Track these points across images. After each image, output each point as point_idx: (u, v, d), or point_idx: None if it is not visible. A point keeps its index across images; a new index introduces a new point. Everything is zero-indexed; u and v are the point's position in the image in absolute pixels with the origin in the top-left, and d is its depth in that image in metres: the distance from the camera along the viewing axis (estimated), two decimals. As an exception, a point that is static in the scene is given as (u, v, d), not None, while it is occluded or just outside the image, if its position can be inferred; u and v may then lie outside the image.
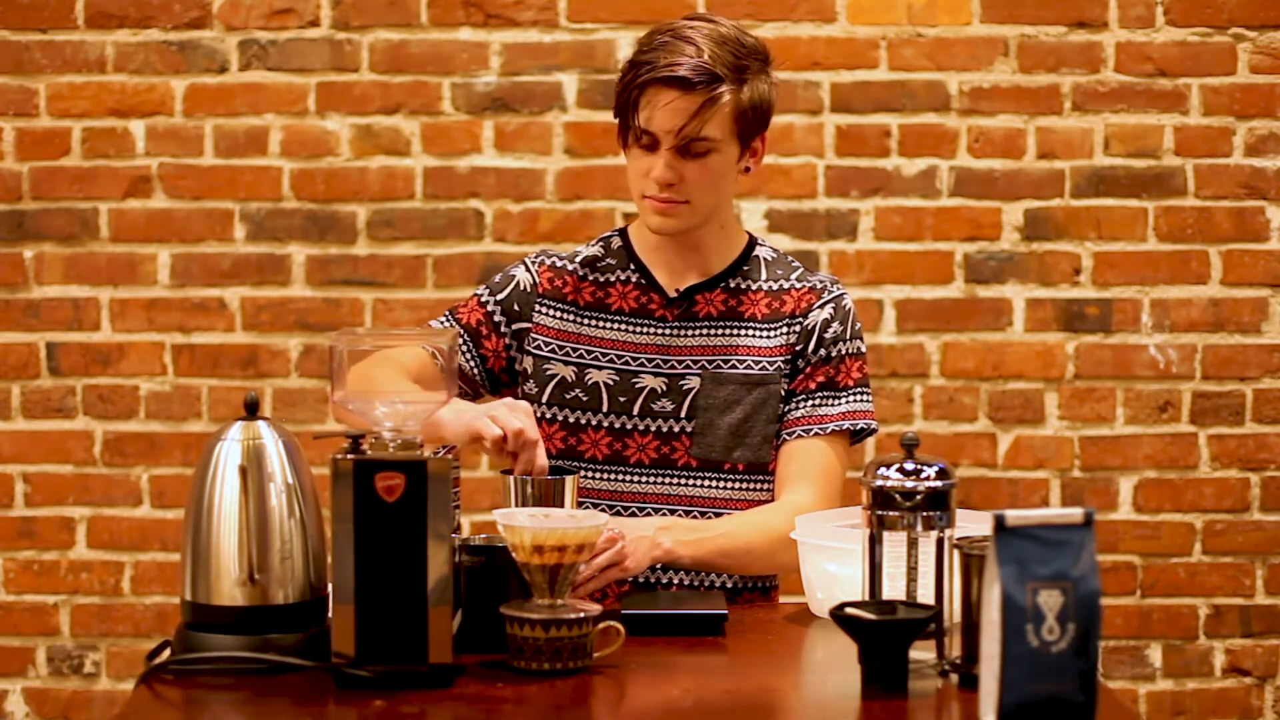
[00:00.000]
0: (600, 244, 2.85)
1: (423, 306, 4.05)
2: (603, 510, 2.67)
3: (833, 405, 2.77)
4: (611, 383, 2.76)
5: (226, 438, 2.28)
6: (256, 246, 4.07)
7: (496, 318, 2.79)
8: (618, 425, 2.76)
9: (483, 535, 2.41)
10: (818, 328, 2.77)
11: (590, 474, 2.74)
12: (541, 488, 2.42)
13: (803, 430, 2.75)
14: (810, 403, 2.77)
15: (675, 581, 2.75)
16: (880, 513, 2.26)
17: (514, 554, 2.24)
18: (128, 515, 4.08)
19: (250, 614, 2.24)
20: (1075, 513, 1.97)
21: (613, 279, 2.81)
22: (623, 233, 2.86)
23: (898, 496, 2.25)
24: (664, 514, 2.74)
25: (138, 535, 4.08)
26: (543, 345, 2.77)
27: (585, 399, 2.75)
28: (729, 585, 2.77)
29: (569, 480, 2.44)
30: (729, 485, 2.77)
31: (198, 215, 4.07)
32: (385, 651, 2.17)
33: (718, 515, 2.74)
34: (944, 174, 4.07)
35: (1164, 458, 4.09)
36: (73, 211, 4.07)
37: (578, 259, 2.83)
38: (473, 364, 2.79)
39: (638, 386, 2.76)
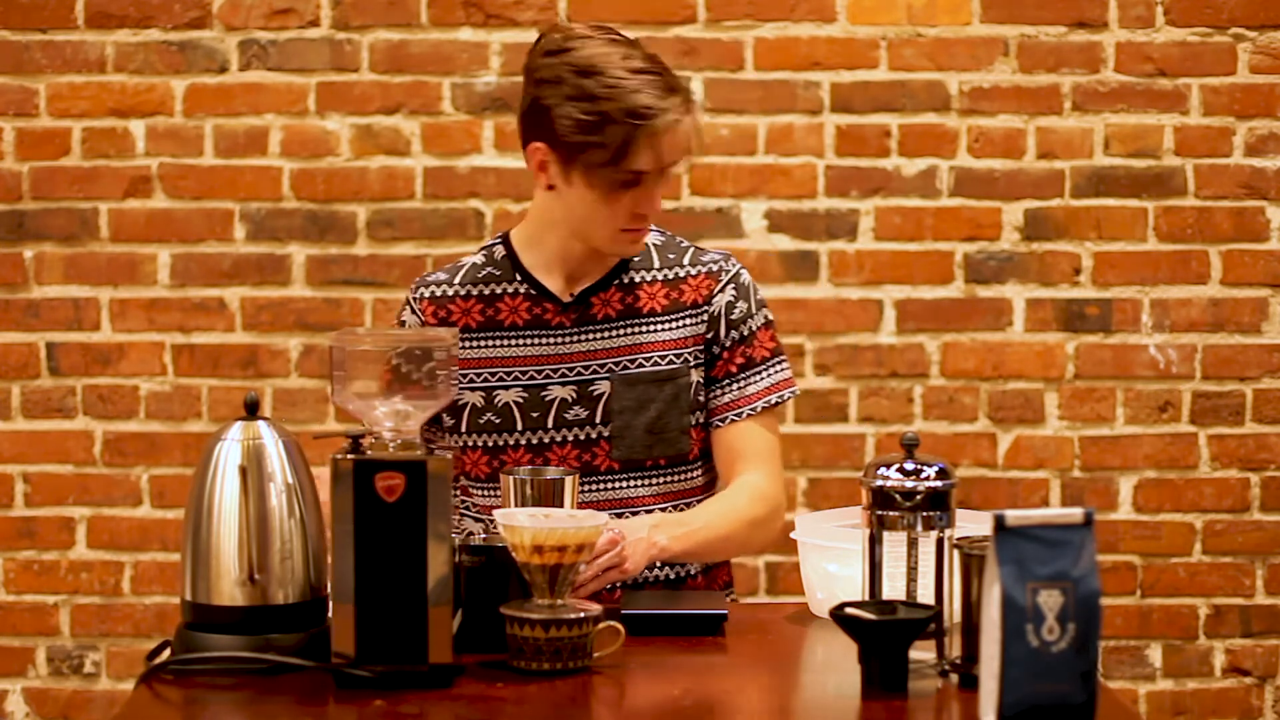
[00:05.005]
0: (483, 253, 2.81)
1: (423, 306, 4.05)
2: None
3: (756, 382, 2.79)
4: (521, 400, 2.74)
5: (226, 438, 2.28)
6: (256, 246, 4.07)
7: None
8: (535, 441, 2.74)
9: (483, 535, 2.41)
10: (723, 311, 2.77)
11: None
12: (541, 488, 2.42)
13: (734, 415, 2.77)
14: (735, 386, 2.78)
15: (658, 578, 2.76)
16: (880, 513, 2.26)
17: (514, 554, 2.24)
18: (128, 515, 4.08)
19: (250, 614, 2.24)
20: (1075, 513, 1.97)
21: (499, 292, 2.77)
22: (505, 242, 2.81)
23: (898, 496, 2.25)
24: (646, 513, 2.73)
25: (138, 535, 4.07)
26: None
27: (499, 421, 2.73)
28: (690, 573, 2.78)
29: (569, 480, 2.44)
30: (653, 482, 2.77)
31: (198, 215, 4.07)
32: (385, 651, 2.17)
33: (647, 512, 2.72)
34: (944, 174, 4.07)
35: (1164, 458, 4.09)
36: (73, 211, 4.07)
37: (459, 275, 2.78)
38: None
39: (548, 399, 2.74)
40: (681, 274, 2.78)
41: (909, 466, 2.26)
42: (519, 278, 2.77)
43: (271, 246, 4.07)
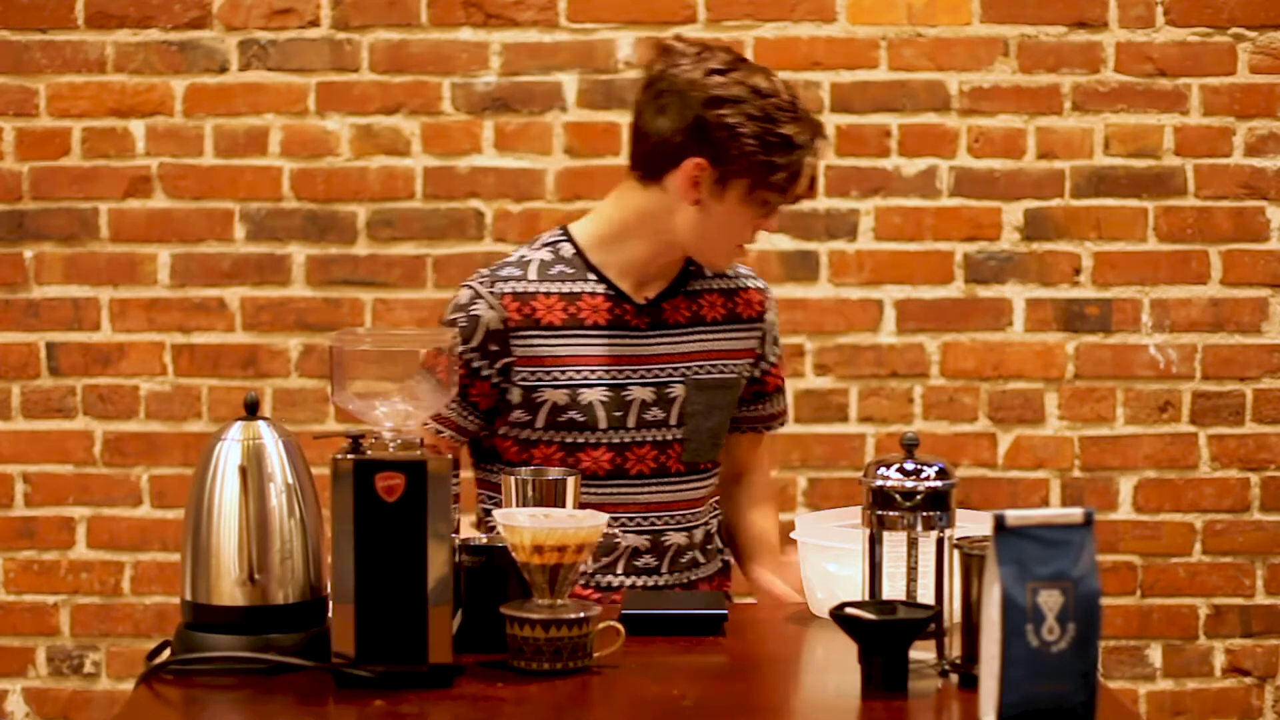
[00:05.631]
0: (547, 249, 2.81)
1: (423, 306, 4.05)
2: None
3: (785, 398, 3.00)
4: (605, 399, 2.75)
5: (226, 438, 2.28)
6: (256, 246, 4.07)
7: (476, 364, 2.73)
8: (616, 440, 2.77)
9: (483, 535, 2.41)
10: (772, 329, 2.92)
11: (590, 489, 2.73)
12: (542, 488, 2.42)
13: (779, 424, 2.98)
14: (780, 399, 2.96)
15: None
16: (880, 513, 2.26)
17: (514, 554, 2.24)
18: (128, 515, 4.08)
19: (250, 614, 2.24)
20: (1075, 513, 1.97)
21: (578, 290, 2.78)
22: (569, 238, 2.82)
23: (898, 496, 2.25)
24: (657, 519, 2.79)
25: (138, 535, 4.07)
26: (529, 375, 2.73)
27: (582, 419, 2.75)
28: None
29: (569, 480, 2.44)
30: (705, 484, 2.86)
31: (198, 215, 4.07)
32: (385, 651, 2.17)
33: (694, 514, 2.83)
34: (944, 174, 4.07)
35: (1164, 458, 4.09)
36: (73, 211, 4.07)
37: (531, 270, 2.77)
38: (465, 416, 2.75)
39: (629, 400, 2.77)
40: (731, 287, 2.87)
41: (909, 466, 2.26)
42: (594, 277, 2.79)
43: (271, 246, 4.07)
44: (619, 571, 2.76)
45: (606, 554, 2.75)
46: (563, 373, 2.74)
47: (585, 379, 2.75)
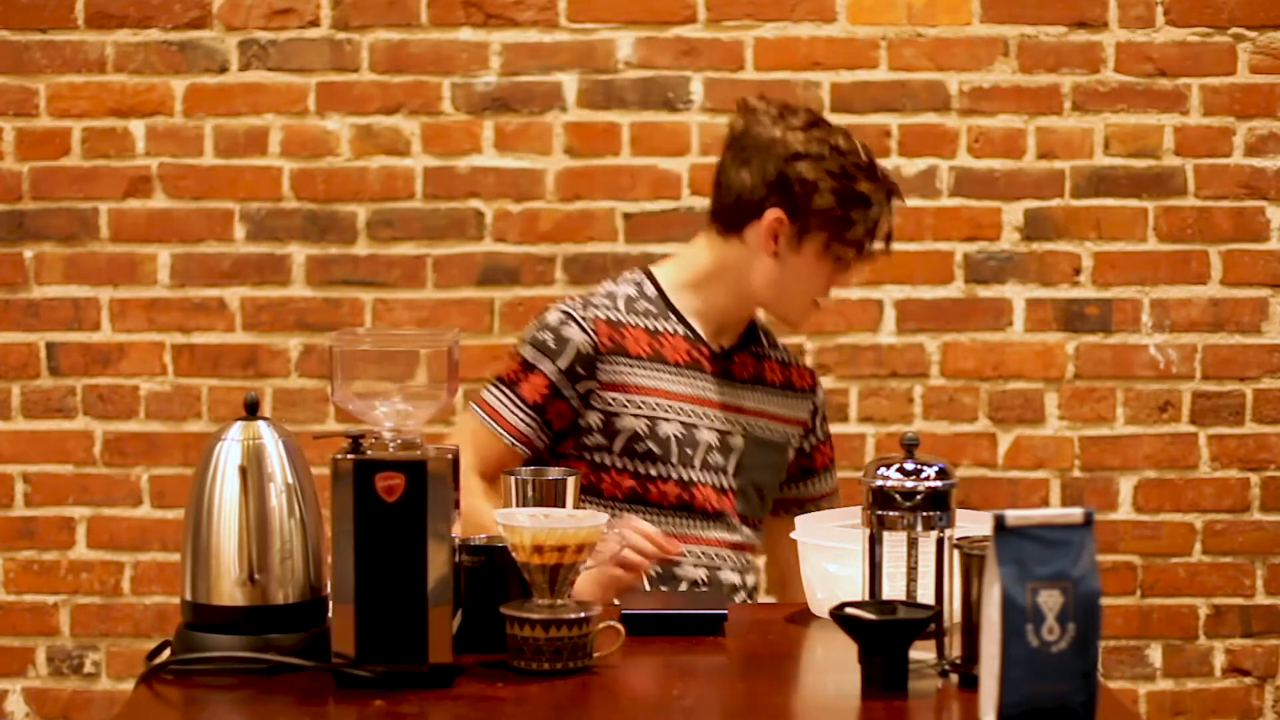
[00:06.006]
0: (632, 285, 2.90)
1: (423, 306, 4.05)
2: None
3: (834, 477, 3.07)
4: (680, 435, 2.83)
5: (226, 438, 2.28)
6: (256, 246, 4.07)
7: (559, 384, 2.80)
8: (685, 477, 2.84)
9: (483, 535, 2.41)
10: (823, 407, 3.02)
11: (656, 519, 2.81)
12: (542, 488, 2.43)
13: (829, 504, 3.00)
14: (829, 477, 3.04)
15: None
16: (880, 513, 2.26)
17: (514, 554, 2.24)
18: (128, 515, 4.08)
19: (250, 614, 2.24)
20: (1075, 513, 1.97)
21: (659, 328, 2.86)
22: (651, 279, 2.90)
23: (898, 496, 2.25)
24: (716, 556, 2.86)
25: (138, 535, 4.07)
26: (611, 401, 2.81)
27: (657, 451, 2.82)
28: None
29: (569, 480, 2.44)
30: (756, 535, 2.95)
31: (198, 215, 4.07)
32: (385, 651, 2.17)
33: (747, 559, 2.92)
34: (944, 174, 4.07)
35: (1164, 458, 4.09)
36: (73, 211, 4.07)
37: (619, 302, 2.86)
38: (539, 433, 2.82)
39: (699, 440, 2.85)
40: (786, 359, 2.99)
41: (909, 466, 2.26)
42: (674, 318, 2.88)
43: (271, 246, 4.07)
44: None
45: (665, 583, 2.81)
46: (644, 403, 2.82)
47: (664, 413, 2.82)
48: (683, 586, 2.82)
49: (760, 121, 2.84)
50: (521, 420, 2.80)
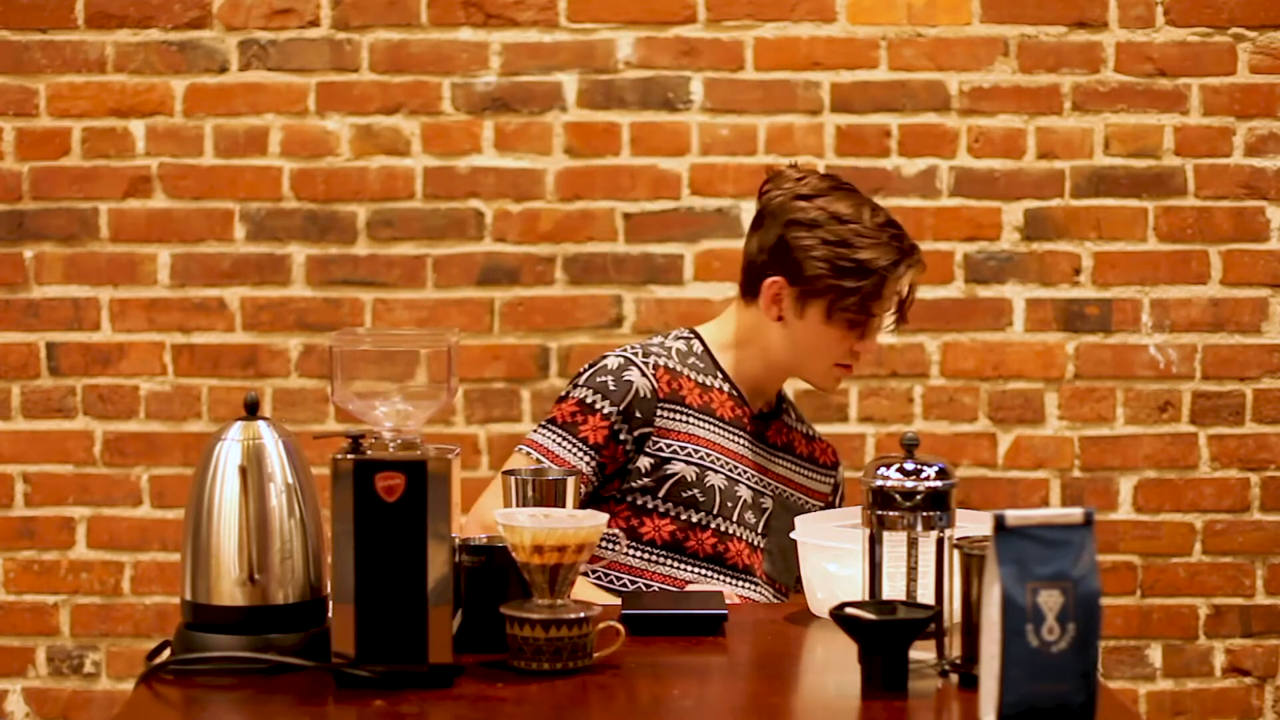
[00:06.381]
0: (683, 341, 2.95)
1: (423, 306, 4.05)
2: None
3: None
4: (723, 487, 2.88)
5: (226, 438, 2.28)
6: (256, 246, 4.07)
7: (617, 426, 2.84)
8: (723, 528, 2.87)
9: (483, 535, 2.41)
10: (842, 486, 3.10)
11: (691, 568, 2.85)
12: (542, 488, 2.43)
13: None
14: None
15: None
16: (880, 513, 2.26)
17: (514, 554, 2.24)
18: (128, 515, 4.08)
19: (250, 614, 2.24)
20: (1075, 513, 1.97)
21: (708, 383, 2.91)
22: (698, 338, 2.96)
23: (898, 496, 2.25)
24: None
25: (138, 535, 4.07)
26: (664, 447, 2.85)
27: (703, 499, 2.86)
28: None
29: (569, 480, 2.44)
30: (772, 598, 2.97)
31: (198, 215, 4.07)
32: (385, 651, 2.17)
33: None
34: (944, 174, 4.07)
35: (1164, 458, 4.09)
36: (73, 211, 4.07)
37: (672, 354, 2.91)
38: (595, 474, 2.84)
39: (738, 495, 2.90)
40: (811, 434, 3.06)
41: (909, 466, 2.26)
42: (721, 375, 2.93)
43: (271, 246, 4.07)
44: None
45: None
46: (695, 451, 2.86)
47: (712, 464, 2.87)
48: None
49: (780, 187, 2.92)
50: (583, 460, 2.82)
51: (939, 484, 2.25)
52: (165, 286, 4.07)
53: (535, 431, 2.87)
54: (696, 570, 2.85)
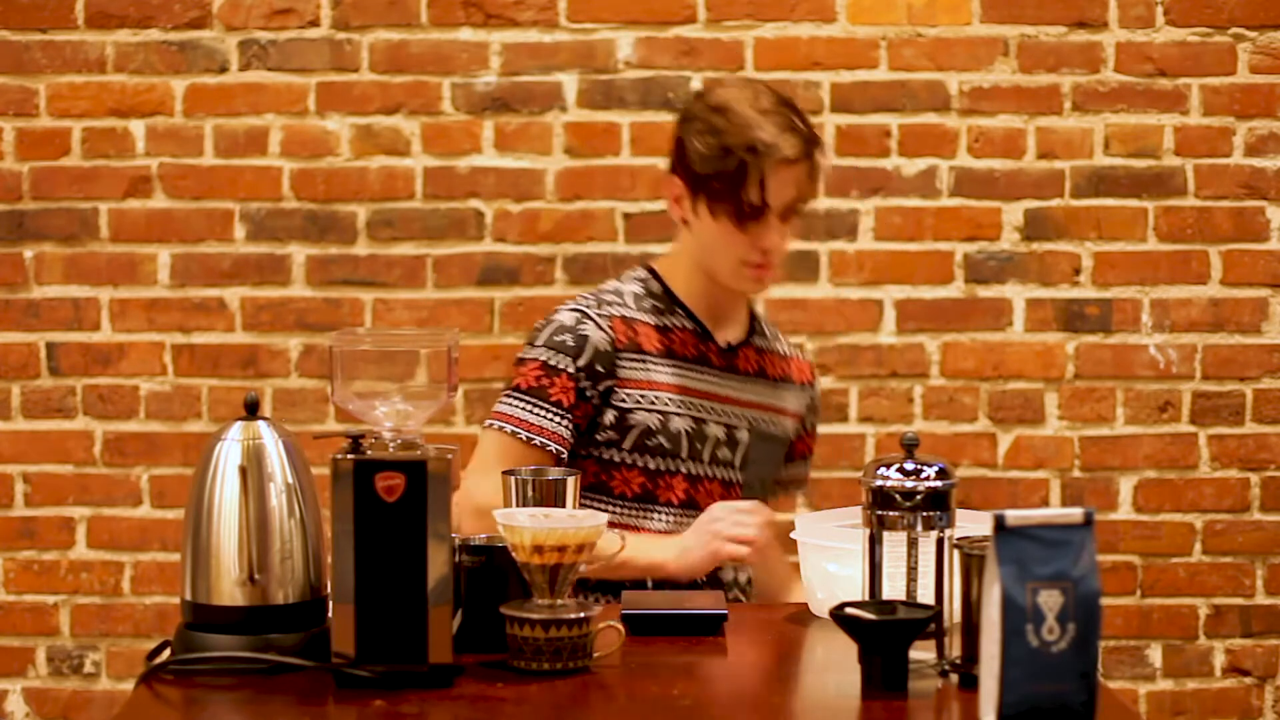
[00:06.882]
0: (638, 283, 2.89)
1: (423, 306, 4.05)
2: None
3: (808, 468, 3.11)
4: (690, 430, 2.83)
5: (226, 438, 2.28)
6: (256, 246, 4.07)
7: (583, 384, 2.78)
8: (694, 472, 2.84)
9: (483, 535, 2.41)
10: (817, 401, 3.05)
11: (665, 517, 2.81)
12: (542, 488, 2.42)
13: (796, 489, 3.08)
14: (803, 466, 3.08)
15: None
16: (880, 513, 2.26)
17: (514, 554, 2.24)
18: (128, 515, 4.08)
19: (250, 614, 2.24)
20: (1075, 513, 1.97)
21: (668, 324, 2.86)
22: (654, 275, 2.90)
23: (898, 496, 2.25)
24: None
25: (138, 535, 4.07)
26: (626, 398, 2.80)
27: (669, 446, 2.81)
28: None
29: (569, 480, 2.44)
30: None
31: (198, 215, 4.07)
32: (385, 651, 2.17)
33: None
34: (944, 174, 4.07)
35: (1164, 458, 4.09)
36: (73, 211, 4.07)
37: (628, 299, 2.86)
38: (568, 430, 2.78)
39: (708, 434, 2.85)
40: (785, 351, 3.00)
41: (909, 466, 2.26)
42: (681, 311, 2.87)
43: (271, 246, 4.07)
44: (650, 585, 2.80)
45: (663, 582, 2.79)
46: (658, 398, 2.81)
47: (676, 408, 2.82)
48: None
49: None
50: (559, 424, 2.77)
51: (939, 484, 2.25)
52: (165, 286, 4.07)
53: (502, 402, 2.79)
54: (671, 519, 2.81)
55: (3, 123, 4.06)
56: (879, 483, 2.26)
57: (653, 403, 2.80)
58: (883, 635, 2.16)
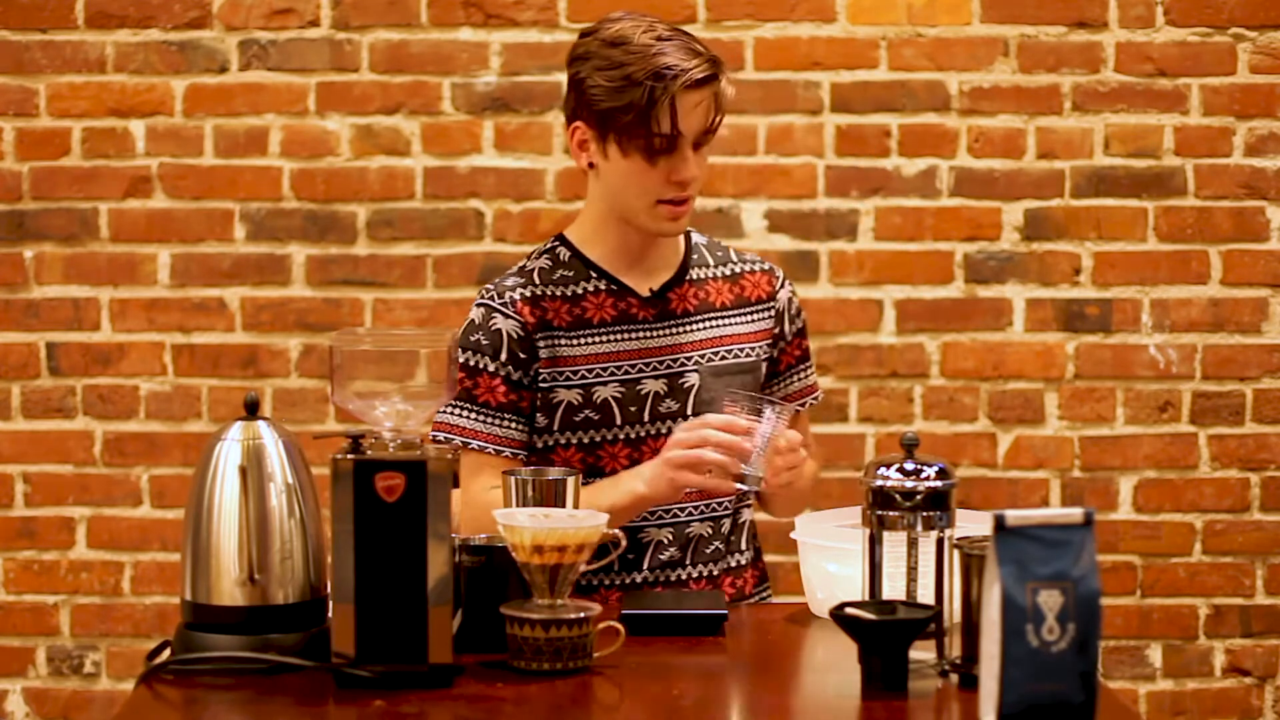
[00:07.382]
0: (545, 257, 2.81)
1: (423, 306, 4.05)
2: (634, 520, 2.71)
3: (810, 374, 2.97)
4: (619, 395, 2.75)
5: (226, 438, 2.28)
6: (256, 246, 4.07)
7: (513, 375, 2.72)
8: (633, 435, 2.76)
9: (483, 535, 2.41)
10: (787, 307, 2.89)
11: None
12: (542, 488, 2.42)
13: (800, 405, 2.93)
14: (801, 374, 2.94)
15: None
16: (880, 513, 2.26)
17: (514, 554, 2.24)
18: (128, 515, 4.08)
19: (250, 614, 2.24)
20: (1075, 513, 1.97)
21: (580, 291, 2.77)
22: (564, 242, 2.82)
23: (898, 496, 2.25)
24: (679, 510, 2.77)
25: (138, 535, 4.08)
26: (547, 378, 2.73)
27: (597, 417, 2.74)
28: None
29: (570, 480, 2.44)
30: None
31: (198, 215, 4.07)
32: (385, 651, 2.17)
33: (716, 503, 2.80)
34: (944, 174, 4.07)
35: (1164, 458, 4.09)
36: (73, 211, 4.07)
37: (534, 277, 2.77)
38: (519, 428, 2.73)
39: (643, 393, 2.76)
40: (737, 270, 2.87)
41: (909, 466, 2.26)
42: (594, 274, 2.79)
43: (271, 246, 4.07)
44: (644, 567, 2.75)
45: (632, 550, 2.74)
46: (575, 373, 2.74)
47: (598, 376, 2.75)
48: (647, 550, 2.75)
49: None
50: (496, 425, 2.72)
51: (939, 484, 2.25)
52: (165, 286, 4.07)
53: (441, 412, 2.73)
54: None
55: (3, 123, 4.06)
56: (879, 483, 2.26)
57: (569, 378, 2.73)
58: (883, 635, 2.16)
